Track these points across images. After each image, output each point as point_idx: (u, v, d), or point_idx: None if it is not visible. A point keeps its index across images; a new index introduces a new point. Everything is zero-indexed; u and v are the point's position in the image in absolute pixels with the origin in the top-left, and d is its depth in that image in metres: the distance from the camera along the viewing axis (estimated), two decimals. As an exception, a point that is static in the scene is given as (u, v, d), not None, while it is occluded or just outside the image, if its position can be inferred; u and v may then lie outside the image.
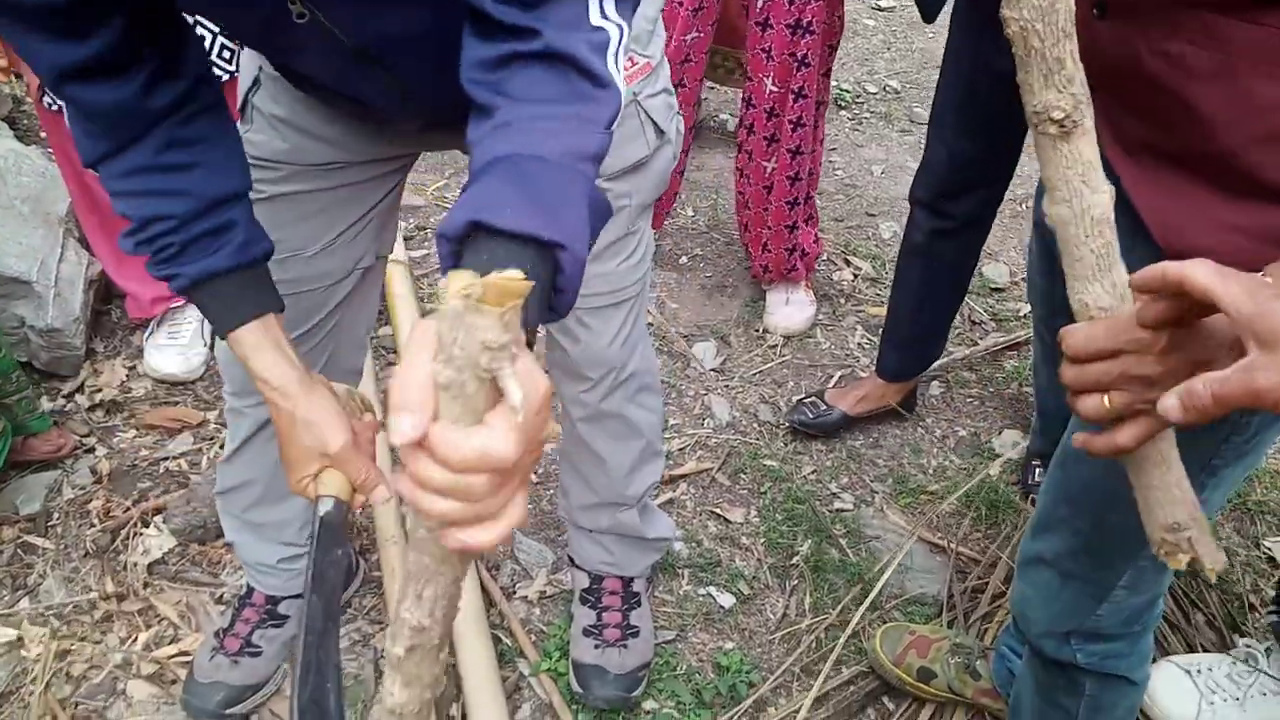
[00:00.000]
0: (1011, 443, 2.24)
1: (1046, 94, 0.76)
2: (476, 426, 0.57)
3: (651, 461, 1.62)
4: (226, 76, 1.94)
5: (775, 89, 2.28)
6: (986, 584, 1.88)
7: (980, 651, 1.65)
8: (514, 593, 1.84)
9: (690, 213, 3.04)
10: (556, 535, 1.95)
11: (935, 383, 2.42)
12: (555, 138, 0.75)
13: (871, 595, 1.75)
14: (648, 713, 1.65)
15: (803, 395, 2.31)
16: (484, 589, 1.80)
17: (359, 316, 1.46)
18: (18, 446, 1.89)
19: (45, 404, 2.10)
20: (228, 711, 1.55)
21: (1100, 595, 1.14)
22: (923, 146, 1.97)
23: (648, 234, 1.41)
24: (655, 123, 1.30)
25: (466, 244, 0.71)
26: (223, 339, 1.05)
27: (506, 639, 1.75)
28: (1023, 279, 2.80)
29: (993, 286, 2.77)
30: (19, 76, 2.58)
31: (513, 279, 0.54)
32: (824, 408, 2.23)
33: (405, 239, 2.81)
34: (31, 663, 1.64)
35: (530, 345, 0.64)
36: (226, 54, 1.96)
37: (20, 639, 1.68)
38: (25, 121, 2.85)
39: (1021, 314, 2.66)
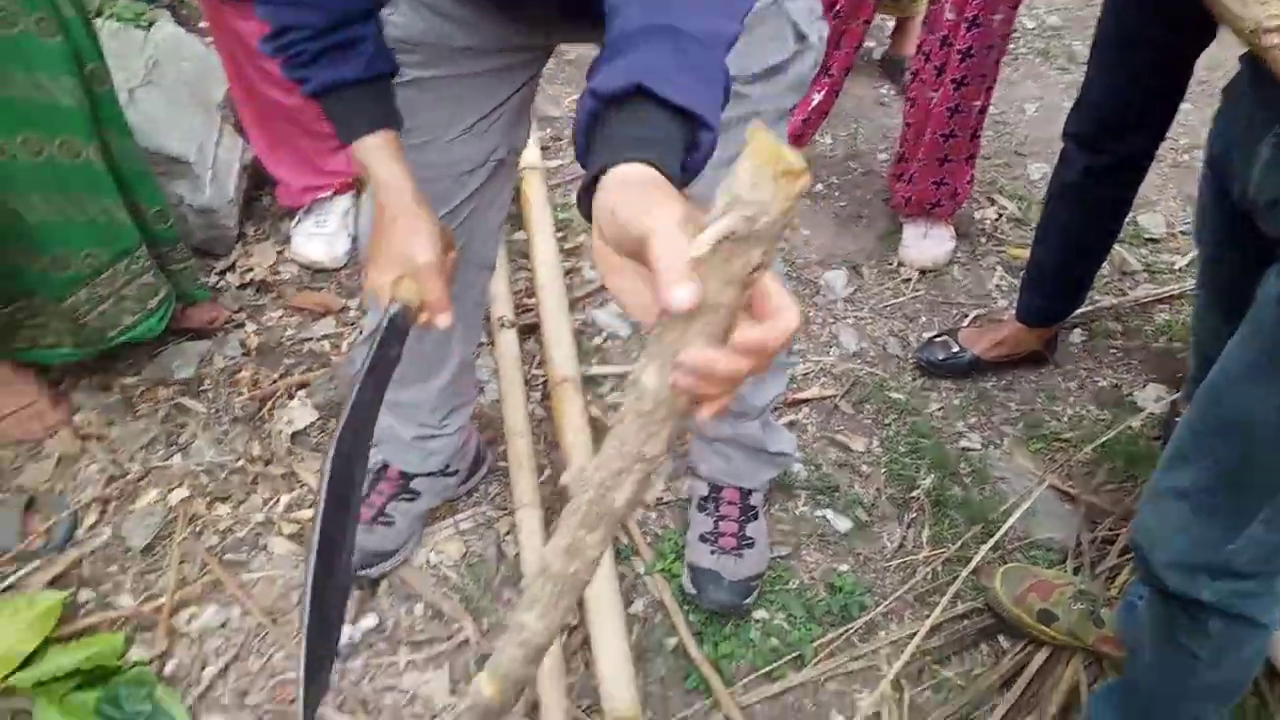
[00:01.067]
0: (1155, 397, 2.15)
1: (1251, 10, 0.75)
2: (766, 320, 0.56)
3: (778, 373, 1.62)
4: None
5: (951, 16, 2.19)
6: (1117, 536, 1.83)
7: (1105, 600, 1.61)
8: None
9: (828, 141, 2.98)
10: (676, 445, 1.97)
11: (1077, 330, 2.34)
12: (702, 16, 0.74)
13: (997, 536, 1.72)
14: (758, 621, 1.67)
15: (935, 333, 2.26)
16: (604, 489, 1.83)
17: (491, 210, 1.48)
18: (177, 314, 1.99)
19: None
20: (360, 573, 1.63)
21: (1236, 529, 1.10)
22: (1080, 86, 1.87)
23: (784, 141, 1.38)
24: (796, 25, 1.24)
25: (618, 106, 0.70)
26: (348, 143, 1.11)
27: (623, 538, 1.78)
28: (1180, 231, 2.66)
29: (1147, 236, 2.64)
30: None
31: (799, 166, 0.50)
32: (956, 349, 2.17)
33: (541, 148, 2.84)
34: (181, 514, 1.75)
35: None
36: None
37: (172, 491, 1.80)
38: (184, 10, 2.95)
39: (1177, 267, 2.54)
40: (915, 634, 1.62)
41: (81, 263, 1.69)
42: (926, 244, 2.50)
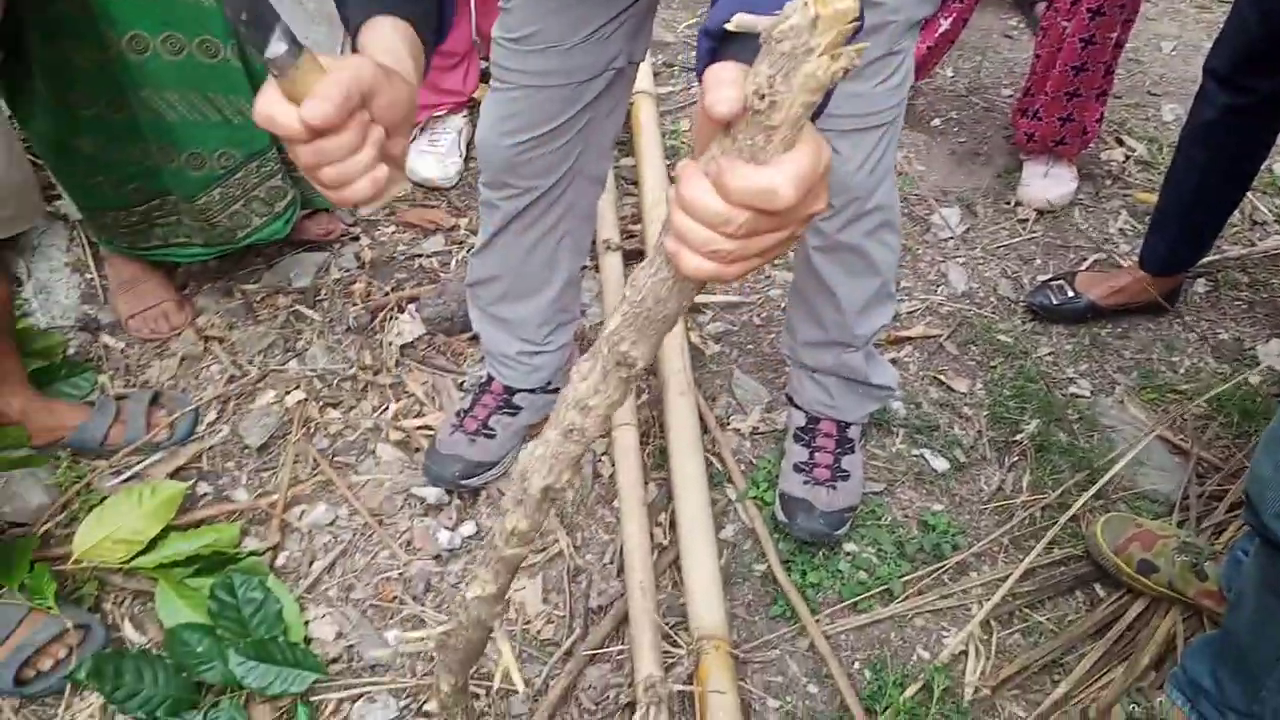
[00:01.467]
0: (1277, 352, 2.05)
1: None
2: (764, 165, 0.54)
3: (885, 303, 1.59)
4: None
5: None
6: (1227, 491, 1.76)
7: (1210, 554, 1.56)
8: (728, 424, 1.89)
9: (950, 73, 2.88)
10: (773, 377, 1.97)
11: (1201, 280, 2.24)
12: None
13: (1101, 482, 1.68)
14: (847, 554, 1.68)
15: (1050, 276, 2.18)
16: (700, 416, 1.85)
17: (607, 122, 1.49)
18: (296, 226, 2.06)
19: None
20: (463, 481, 1.69)
21: None
22: (1220, 26, 1.76)
23: (910, 57, 1.33)
24: None
25: (729, 41, 0.70)
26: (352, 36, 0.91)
27: (717, 464, 1.80)
28: (1324, 181, 2.50)
29: (1285, 185, 2.50)
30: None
31: (848, 12, 0.48)
32: (1071, 294, 2.10)
33: (654, 74, 2.81)
34: (296, 415, 1.83)
35: None
36: None
37: (288, 394, 1.88)
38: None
39: (1315, 218, 2.39)
40: (1008, 576, 1.61)
41: (215, 162, 1.75)
42: (1047, 183, 2.41)
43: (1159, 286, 2.08)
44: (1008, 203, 2.44)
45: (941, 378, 2.00)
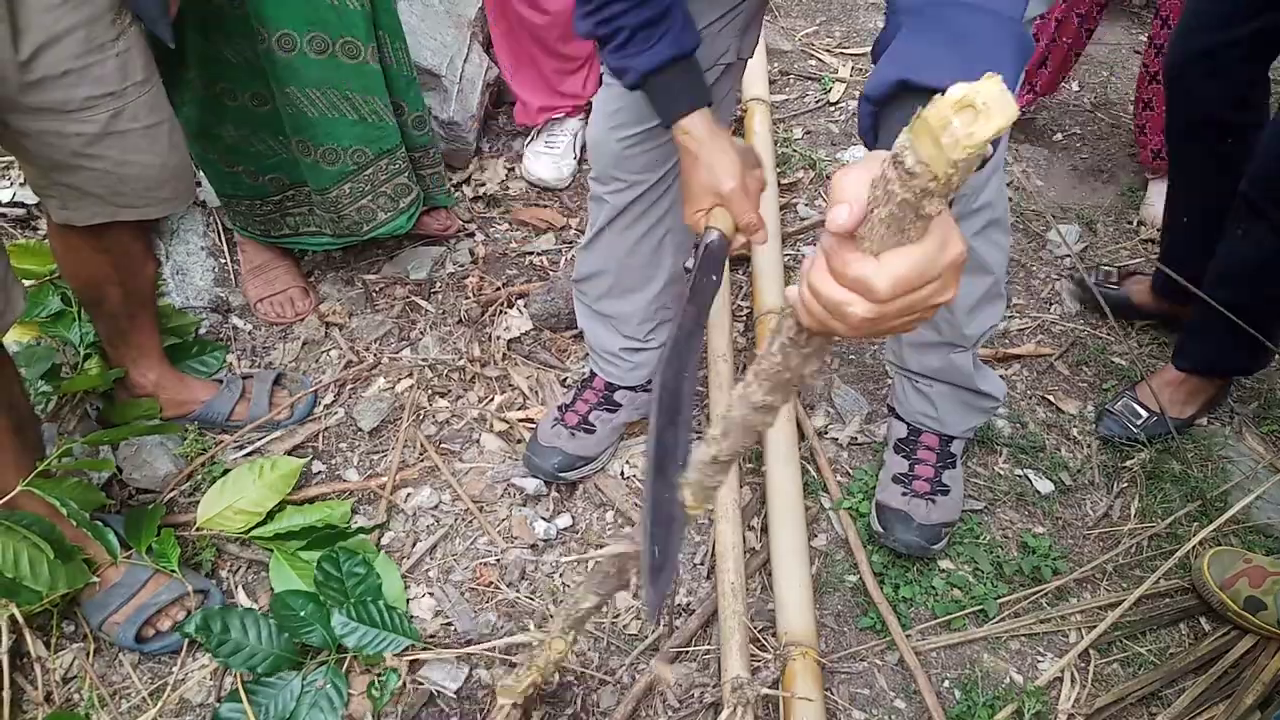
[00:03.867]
0: None
1: None
2: (874, 257, 0.58)
3: (994, 302, 1.56)
4: None
5: None
6: (1353, 532, 1.68)
7: (1328, 597, 1.49)
8: (825, 433, 1.88)
9: (1075, 88, 2.80)
10: (874, 389, 1.96)
11: (1336, 310, 2.13)
12: None
13: (1221, 520, 1.61)
14: (942, 570, 1.66)
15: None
16: (798, 423, 1.85)
17: (716, 114, 1.50)
18: (417, 221, 2.14)
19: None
20: (562, 474, 1.73)
21: None
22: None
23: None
24: None
25: (890, 103, 0.72)
26: (667, 126, 1.23)
27: (813, 471, 1.80)
28: None
29: None
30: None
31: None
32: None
33: (770, 82, 2.82)
34: (408, 402, 1.91)
35: None
36: None
37: (400, 381, 1.96)
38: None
39: None
40: (1114, 604, 1.57)
41: (349, 157, 1.84)
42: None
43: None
44: (1130, 222, 2.37)
45: (1050, 398, 1.96)
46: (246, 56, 1.71)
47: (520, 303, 2.12)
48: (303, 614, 1.51)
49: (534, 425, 1.83)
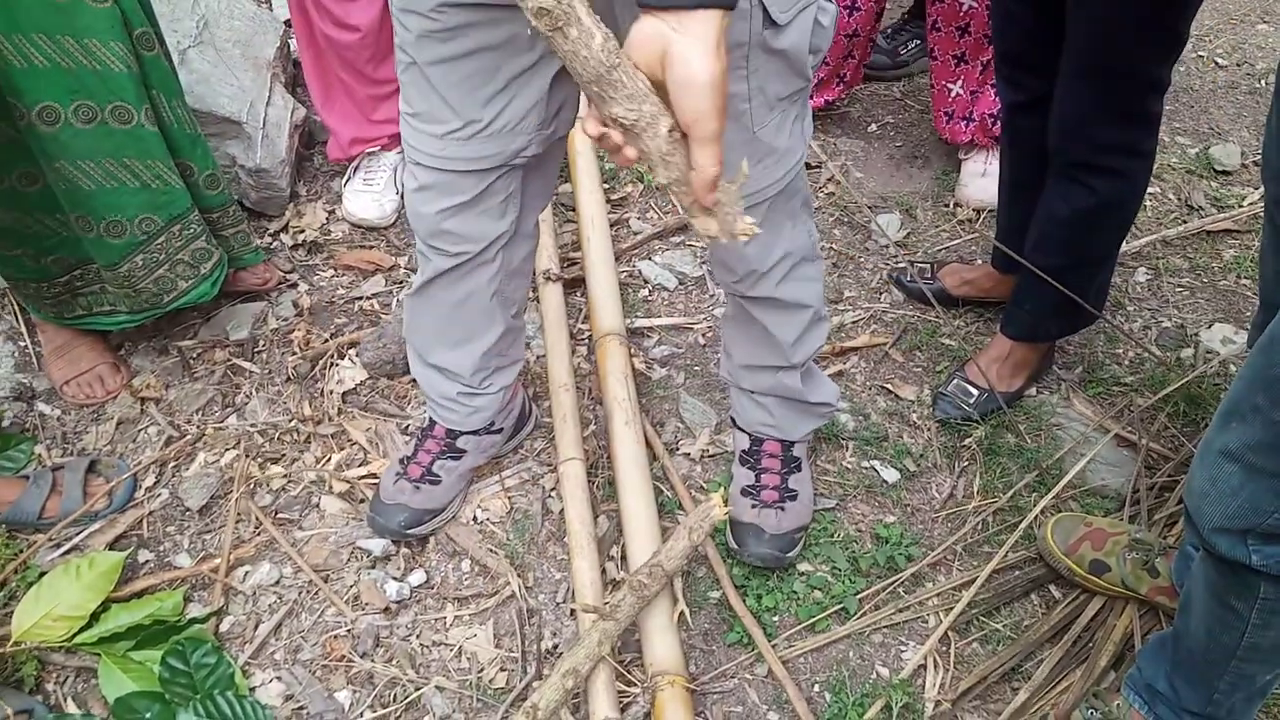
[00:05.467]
0: (1221, 338, 2.06)
1: None
2: None
3: (816, 327, 1.58)
4: None
5: None
6: (1177, 482, 1.77)
7: (1161, 549, 1.56)
8: (676, 449, 1.87)
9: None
10: (721, 398, 1.96)
11: (1141, 269, 2.25)
12: None
13: (1057, 489, 1.68)
14: (802, 574, 1.66)
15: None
16: (648, 443, 1.84)
17: (539, 183, 1.46)
18: (230, 277, 2.03)
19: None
20: (409, 531, 1.66)
21: None
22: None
23: (795, 132, 1.28)
24: (765, 9, 1.10)
25: None
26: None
27: (667, 491, 1.78)
28: (1254, 161, 2.53)
29: (1219, 169, 2.52)
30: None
31: None
32: (929, 278, 2.15)
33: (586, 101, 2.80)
34: (237, 473, 1.80)
35: None
36: None
37: (228, 452, 1.85)
38: (239, -29, 2.96)
39: (1247, 200, 2.41)
40: (967, 583, 1.61)
41: (136, 228, 1.72)
42: (985, 182, 2.41)
43: (1007, 286, 2.02)
44: (947, 205, 2.45)
45: (889, 386, 2.00)
46: (7, 135, 1.57)
47: (352, 352, 2.04)
48: (148, 717, 1.41)
49: (376, 481, 1.76)
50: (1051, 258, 1.77)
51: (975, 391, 1.90)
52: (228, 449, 1.85)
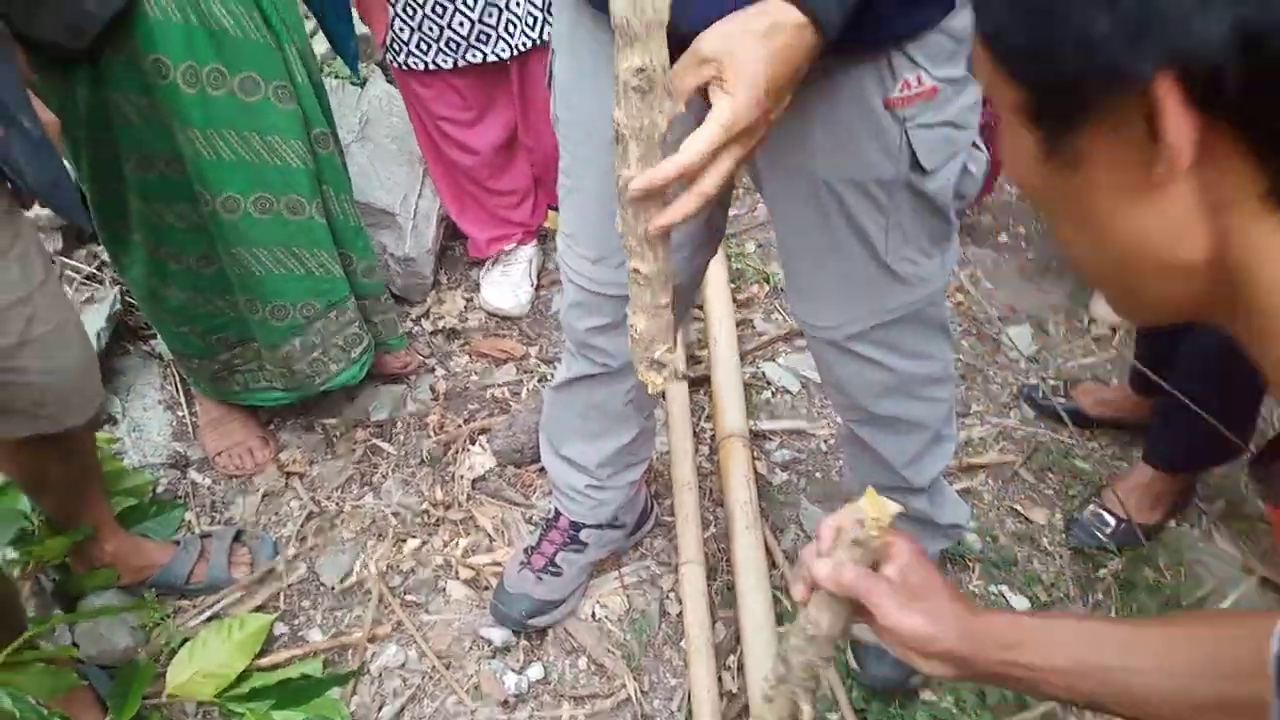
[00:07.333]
0: (1379, 478, 1.96)
1: None
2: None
3: (938, 446, 1.53)
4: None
5: None
6: (1329, 633, 1.67)
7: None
8: (797, 557, 1.86)
9: (1013, 187, 2.87)
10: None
11: (1290, 400, 2.16)
12: None
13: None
14: (925, 703, 1.62)
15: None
16: (768, 549, 1.83)
17: (680, 305, 1.50)
18: (375, 360, 2.13)
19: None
20: (530, 621, 1.69)
21: None
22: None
23: (933, 264, 1.27)
24: (915, 154, 1.12)
25: None
26: None
27: (786, 601, 1.77)
28: None
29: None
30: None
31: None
32: (1064, 398, 2.09)
33: (721, 196, 2.86)
34: (371, 554, 1.87)
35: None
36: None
37: (364, 530, 1.92)
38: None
39: None
40: (1093, 729, 1.54)
41: (298, 313, 1.83)
42: (1121, 300, 2.37)
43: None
44: (1081, 320, 2.40)
45: (1018, 508, 1.96)
46: (190, 220, 1.71)
47: (483, 438, 2.11)
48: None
49: (500, 569, 1.80)
50: (1197, 384, 1.72)
51: (1112, 521, 1.84)
52: (364, 527, 1.92)
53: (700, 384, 2.21)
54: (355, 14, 2.08)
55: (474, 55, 2.08)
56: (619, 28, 0.81)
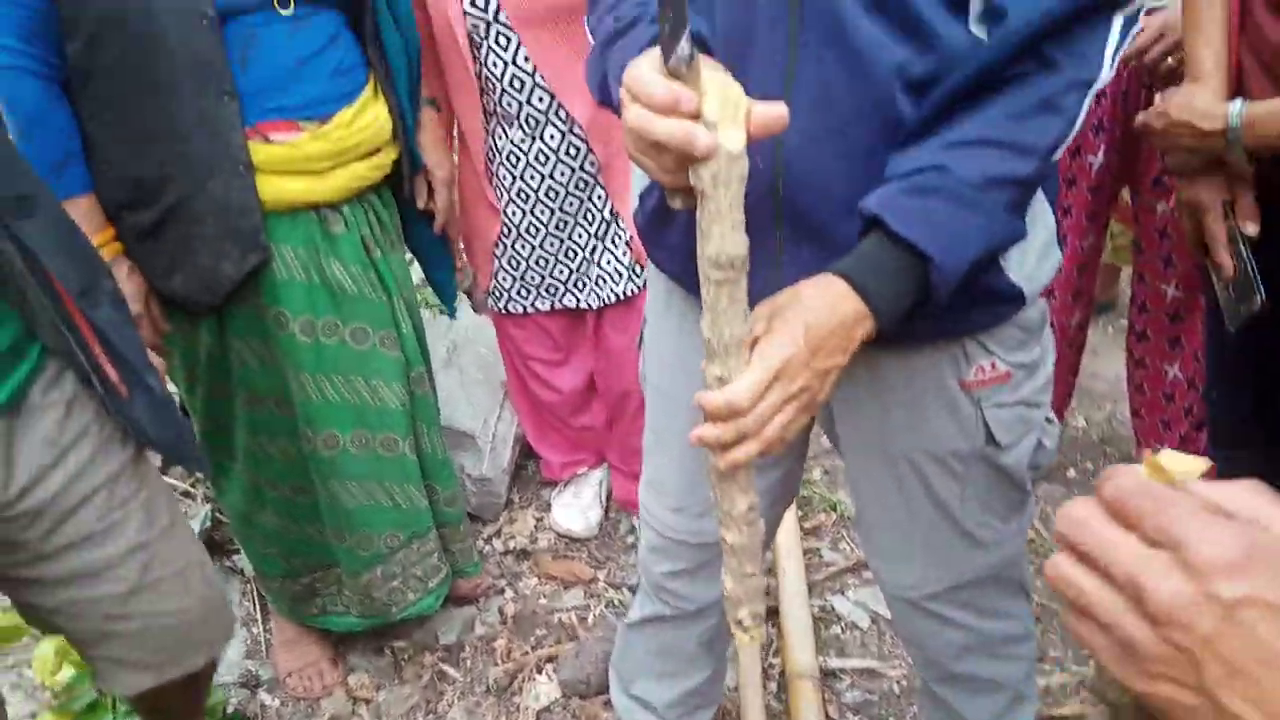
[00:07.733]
0: None
1: None
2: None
3: (1016, 708, 1.51)
4: None
5: (1179, 294, 2.14)
6: None
7: None
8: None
9: (1082, 423, 2.90)
10: (919, 757, 1.89)
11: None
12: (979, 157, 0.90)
13: None
14: None
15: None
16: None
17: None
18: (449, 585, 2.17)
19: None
20: None
21: None
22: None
23: (1010, 529, 1.30)
24: (990, 431, 1.17)
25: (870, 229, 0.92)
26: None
27: None
28: None
29: None
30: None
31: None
32: None
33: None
34: (435, 785, 1.85)
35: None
36: None
37: (428, 760, 1.91)
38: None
39: None
40: None
41: (381, 543, 1.90)
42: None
43: None
44: (1156, 562, 2.37)
45: (1101, 765, 1.88)
46: (290, 453, 1.82)
47: (549, 667, 2.11)
48: None
49: (565, 813, 1.77)
50: None
51: None
52: (428, 761, 1.91)
53: (769, 616, 2.20)
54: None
55: (569, 300, 2.22)
56: (705, 341, 0.91)
